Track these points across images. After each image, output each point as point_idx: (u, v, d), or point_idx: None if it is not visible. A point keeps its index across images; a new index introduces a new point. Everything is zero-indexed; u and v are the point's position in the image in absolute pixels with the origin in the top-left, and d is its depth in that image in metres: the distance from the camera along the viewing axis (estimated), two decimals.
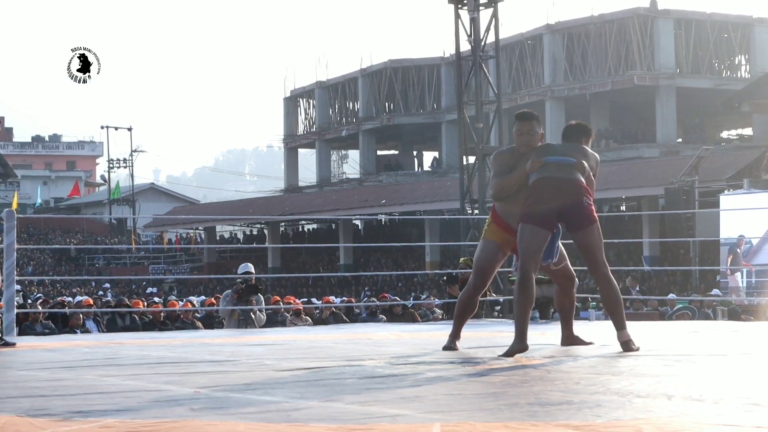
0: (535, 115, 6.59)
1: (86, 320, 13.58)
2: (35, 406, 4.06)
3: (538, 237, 6.21)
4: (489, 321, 12.14)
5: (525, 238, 6.22)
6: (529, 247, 6.21)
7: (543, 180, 6.23)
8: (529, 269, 6.21)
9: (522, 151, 6.43)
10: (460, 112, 20.53)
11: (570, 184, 6.22)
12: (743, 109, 33.88)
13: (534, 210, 6.22)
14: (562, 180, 6.22)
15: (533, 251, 6.22)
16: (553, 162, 6.28)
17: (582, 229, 6.25)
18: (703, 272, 26.99)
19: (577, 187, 6.23)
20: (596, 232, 6.28)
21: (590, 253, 6.29)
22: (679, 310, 17.02)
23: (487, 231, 6.70)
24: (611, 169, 35.01)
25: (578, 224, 6.26)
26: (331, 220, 44.88)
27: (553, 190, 6.21)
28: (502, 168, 6.46)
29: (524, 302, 6.20)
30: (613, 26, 42.48)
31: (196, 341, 8.48)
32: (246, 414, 3.78)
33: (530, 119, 6.49)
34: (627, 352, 6.24)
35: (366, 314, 15.50)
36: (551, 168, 6.25)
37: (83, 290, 37.03)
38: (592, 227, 6.26)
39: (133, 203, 60.26)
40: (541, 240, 6.23)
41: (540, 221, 6.21)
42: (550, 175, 6.23)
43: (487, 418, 3.60)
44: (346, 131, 54.05)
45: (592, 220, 6.26)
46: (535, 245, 6.21)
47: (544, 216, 6.22)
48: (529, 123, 6.46)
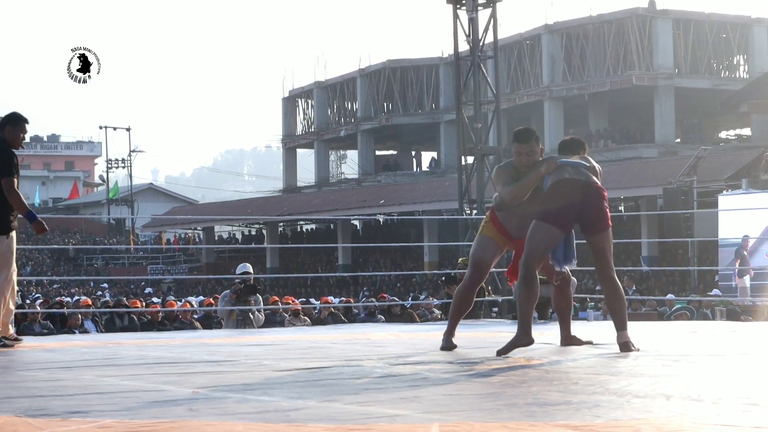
0: (533, 133, 6.52)
1: (85, 320, 13.58)
2: (34, 406, 4.06)
3: (550, 237, 6.23)
4: (487, 321, 12.14)
5: (536, 236, 6.22)
6: (538, 246, 6.22)
7: (564, 181, 6.22)
8: (533, 266, 6.24)
9: (522, 170, 6.41)
10: (459, 113, 20.52)
11: (591, 187, 6.25)
12: (742, 109, 33.91)
13: (554, 210, 6.21)
14: (582, 182, 6.23)
15: (541, 250, 6.24)
16: (569, 164, 6.28)
17: (600, 232, 6.30)
18: (701, 272, 27.00)
19: (597, 189, 6.27)
20: (609, 237, 6.36)
21: (602, 256, 6.34)
22: (677, 311, 17.02)
23: (484, 228, 6.72)
24: (610, 169, 34.95)
25: (597, 227, 6.29)
26: (330, 220, 44.89)
27: (573, 190, 6.21)
28: (508, 180, 6.41)
29: (528, 298, 6.22)
30: (611, 26, 42.48)
31: (195, 341, 8.48)
32: (244, 414, 3.78)
33: (529, 140, 6.42)
34: (625, 352, 6.25)
35: (364, 314, 15.50)
36: (569, 170, 6.25)
37: (82, 290, 37.04)
38: (608, 231, 6.33)
39: (131, 203, 60.23)
40: (553, 241, 6.25)
41: (557, 221, 6.22)
42: (571, 177, 6.23)
43: (485, 419, 3.60)
44: (345, 131, 54.05)
45: (608, 224, 6.32)
46: (544, 245, 6.23)
47: (563, 217, 6.22)
48: (528, 144, 6.41)
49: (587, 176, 6.27)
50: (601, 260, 6.35)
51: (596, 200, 6.24)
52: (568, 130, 43.75)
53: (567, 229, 6.29)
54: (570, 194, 6.20)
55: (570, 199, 6.20)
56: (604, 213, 6.28)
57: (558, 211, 6.20)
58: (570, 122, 44.41)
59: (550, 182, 6.27)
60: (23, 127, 7.71)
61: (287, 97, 58.10)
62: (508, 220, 6.58)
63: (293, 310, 14.27)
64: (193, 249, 51.85)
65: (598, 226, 6.28)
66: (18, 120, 7.70)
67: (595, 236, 6.30)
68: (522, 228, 6.45)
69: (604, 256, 6.33)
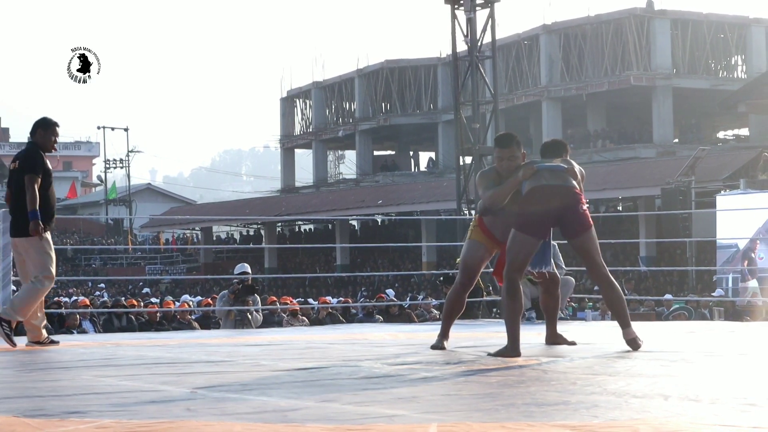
0: (514, 138, 6.62)
1: (83, 320, 13.57)
2: (32, 407, 4.06)
3: (528, 246, 6.29)
4: (486, 321, 12.14)
5: (515, 248, 6.31)
6: (518, 257, 6.30)
7: (539, 188, 6.28)
8: (515, 277, 6.33)
9: (504, 175, 6.49)
10: (457, 113, 20.53)
11: (566, 190, 6.30)
12: (740, 109, 33.95)
13: (530, 217, 6.28)
14: (558, 187, 6.29)
15: (521, 261, 6.32)
16: (546, 169, 6.33)
17: (579, 235, 6.35)
18: (699, 273, 27.00)
19: (573, 193, 6.31)
20: (593, 237, 6.38)
21: (589, 257, 6.39)
22: (675, 311, 17.02)
23: (473, 232, 6.86)
24: (608, 169, 35.02)
25: (575, 230, 6.35)
26: (328, 220, 44.87)
27: (549, 196, 6.27)
28: (490, 184, 6.52)
29: (513, 310, 6.31)
30: (609, 26, 42.49)
31: (193, 342, 8.48)
32: (242, 414, 3.78)
33: (509, 145, 6.53)
34: (633, 349, 6.33)
35: (363, 315, 15.50)
36: (546, 175, 6.30)
37: (80, 291, 37.00)
38: (588, 232, 6.36)
39: (129, 204, 60.18)
40: (531, 249, 6.32)
41: (533, 230, 6.28)
42: (547, 182, 6.29)
43: (483, 419, 3.60)
44: (343, 132, 54.03)
45: (588, 225, 6.36)
46: (523, 255, 6.30)
47: (539, 224, 6.29)
48: (510, 149, 6.51)
49: (564, 179, 6.32)
50: (588, 261, 6.41)
51: (572, 203, 6.28)
52: (566, 130, 43.80)
53: (543, 235, 6.36)
54: (545, 201, 6.26)
55: (545, 205, 6.26)
56: (582, 214, 6.33)
57: (533, 219, 6.28)
58: (568, 122, 44.42)
59: (527, 189, 6.32)
60: (54, 130, 7.89)
61: (285, 97, 58.09)
62: (493, 225, 6.72)
63: (291, 311, 14.27)
64: (192, 249, 51.82)
65: (576, 228, 6.33)
66: (49, 124, 7.86)
67: (576, 239, 6.37)
68: (507, 231, 6.55)
69: (590, 257, 6.39)
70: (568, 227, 6.34)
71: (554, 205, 6.25)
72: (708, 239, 23.46)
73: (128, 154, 61.41)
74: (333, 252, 44.51)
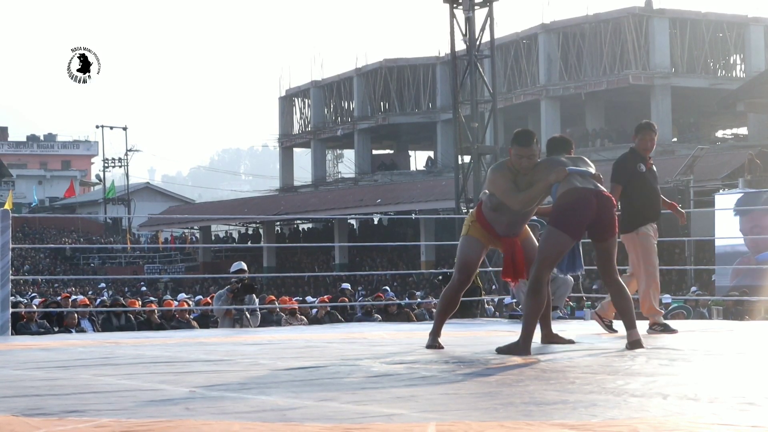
0: (534, 136, 6.49)
1: (81, 320, 13.56)
2: (30, 406, 4.06)
3: (563, 245, 6.29)
4: (485, 321, 12.14)
5: (549, 243, 6.28)
6: (551, 255, 6.29)
7: (576, 190, 6.25)
8: (543, 275, 6.30)
9: (522, 173, 6.39)
10: (456, 112, 20.51)
11: (603, 195, 6.33)
12: (738, 108, 33.96)
13: (571, 218, 6.26)
14: (593, 191, 6.29)
15: (553, 258, 6.32)
16: (577, 173, 6.30)
17: (608, 239, 6.43)
18: (698, 272, 27.00)
19: (608, 198, 6.38)
20: (616, 242, 6.53)
21: (609, 260, 6.48)
22: (674, 310, 17.01)
23: (470, 228, 6.70)
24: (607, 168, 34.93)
25: (607, 234, 6.41)
26: (327, 219, 44.86)
27: (590, 200, 6.26)
28: (510, 185, 6.37)
29: (535, 307, 6.28)
30: (608, 26, 42.49)
31: (191, 341, 8.47)
32: (241, 413, 3.78)
33: (530, 144, 6.38)
34: (636, 350, 6.34)
35: (361, 314, 15.50)
36: (578, 178, 6.29)
37: (78, 290, 36.99)
38: (614, 237, 6.50)
39: (128, 203, 60.20)
40: (564, 248, 6.32)
41: (572, 230, 6.28)
42: (583, 185, 6.28)
43: (482, 418, 3.60)
44: (342, 131, 54.02)
45: (615, 231, 6.49)
46: (556, 253, 6.30)
47: (579, 224, 6.30)
48: (530, 148, 6.36)
49: (595, 185, 6.34)
50: (607, 264, 6.48)
51: (609, 208, 6.36)
52: (565, 129, 43.77)
53: (578, 237, 6.39)
54: (585, 203, 6.25)
55: (586, 208, 6.25)
56: (614, 220, 6.43)
57: (574, 219, 6.27)
58: (567, 121, 44.42)
59: (562, 190, 6.28)
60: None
61: (284, 96, 58.08)
62: (497, 220, 6.57)
63: (290, 310, 14.27)
64: (190, 248, 51.81)
65: (608, 232, 6.40)
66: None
67: (604, 242, 6.43)
68: (510, 227, 6.53)
69: (610, 261, 6.48)
70: (599, 230, 6.37)
71: (593, 209, 6.26)
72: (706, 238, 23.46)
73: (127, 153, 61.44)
74: (331, 251, 44.51)
